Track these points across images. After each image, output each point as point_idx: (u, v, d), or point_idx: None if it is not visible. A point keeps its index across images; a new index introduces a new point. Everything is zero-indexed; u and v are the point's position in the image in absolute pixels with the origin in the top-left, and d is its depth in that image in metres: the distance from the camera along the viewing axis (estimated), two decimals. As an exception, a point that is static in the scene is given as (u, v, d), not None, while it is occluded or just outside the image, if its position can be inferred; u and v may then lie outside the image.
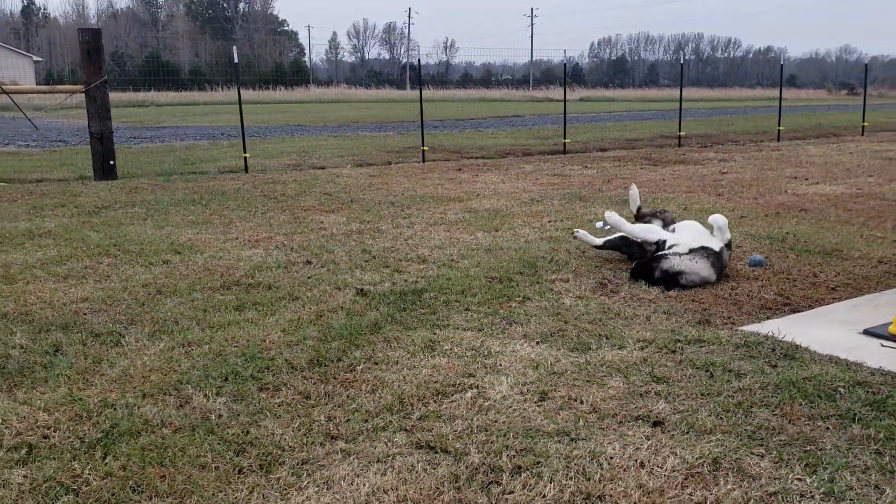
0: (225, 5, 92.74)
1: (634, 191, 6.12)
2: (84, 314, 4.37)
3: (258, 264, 5.47)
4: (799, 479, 2.50)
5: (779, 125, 17.24)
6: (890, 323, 3.94)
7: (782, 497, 2.40)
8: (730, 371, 3.41)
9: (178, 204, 8.29)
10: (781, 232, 6.33)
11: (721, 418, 2.95)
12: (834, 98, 59.06)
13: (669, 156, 13.47)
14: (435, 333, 4.02)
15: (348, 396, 3.23)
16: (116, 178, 10.58)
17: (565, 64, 15.55)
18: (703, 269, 4.80)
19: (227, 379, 3.43)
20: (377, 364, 3.59)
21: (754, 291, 4.69)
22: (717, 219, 4.98)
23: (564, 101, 15.45)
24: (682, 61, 17.51)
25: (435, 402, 3.17)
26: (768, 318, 4.23)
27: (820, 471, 2.54)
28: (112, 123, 10.79)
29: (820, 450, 2.68)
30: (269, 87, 47.74)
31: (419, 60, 16.03)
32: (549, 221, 7.03)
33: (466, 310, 4.44)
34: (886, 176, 9.90)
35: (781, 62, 18.01)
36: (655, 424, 2.92)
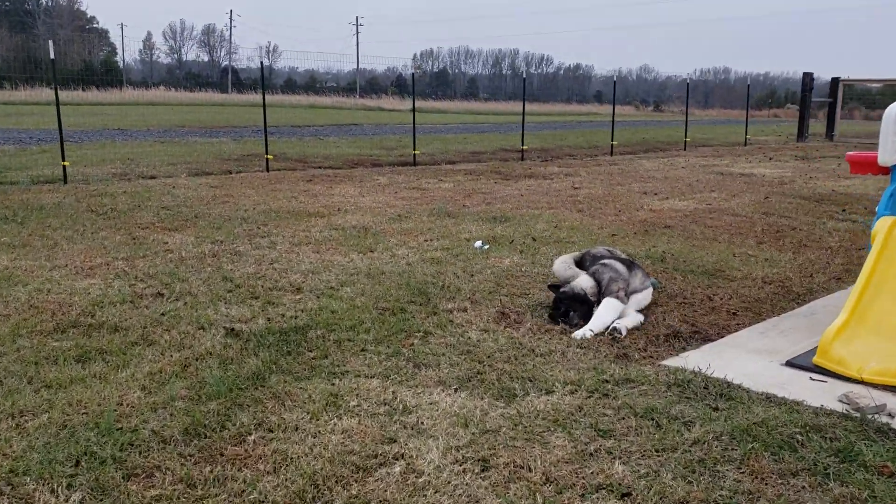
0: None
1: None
2: None
3: (97, 299, 4.55)
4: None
5: (612, 140, 17.97)
6: (810, 352, 3.84)
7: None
8: (674, 419, 3.10)
9: (-19, 220, 6.96)
10: (657, 251, 6.28)
11: (689, 482, 2.61)
12: (643, 114, 63.75)
13: (517, 170, 13.50)
14: (334, 384, 3.40)
15: (245, 481, 2.56)
16: None
17: (413, 73, 15.25)
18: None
19: (78, 463, 2.63)
20: (272, 431, 2.93)
21: (659, 318, 4.48)
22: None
23: (413, 110, 15.13)
24: (523, 76, 17.81)
25: (357, 481, 2.59)
26: (684, 348, 4.01)
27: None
28: None
29: (811, 516, 2.40)
30: (78, 88, 43.64)
31: (262, 63, 15.02)
32: (426, 240, 6.56)
33: (363, 350, 3.86)
34: (727, 191, 10.41)
35: (614, 79, 18.79)
36: (623, 496, 2.52)
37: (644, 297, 4.59)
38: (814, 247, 6.66)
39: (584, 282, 4.54)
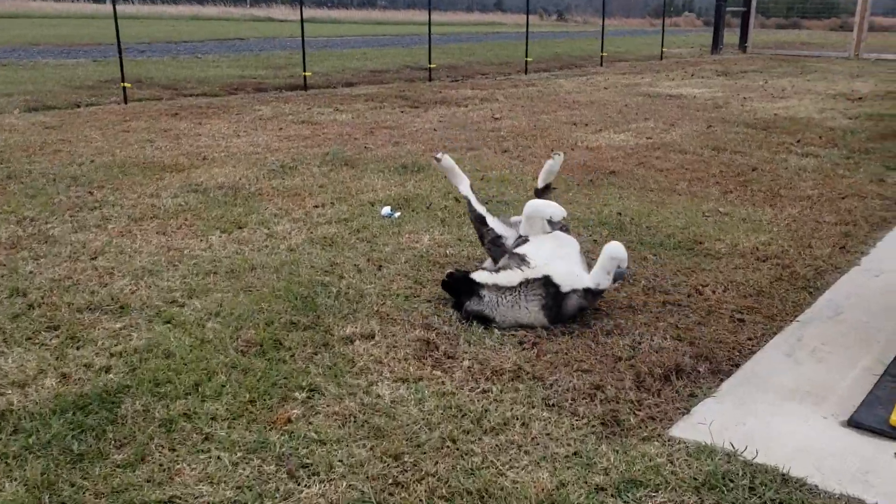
0: None
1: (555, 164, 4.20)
2: None
3: None
4: None
5: (526, 56, 16.47)
6: (874, 400, 2.64)
7: None
8: (735, 583, 1.82)
9: None
10: (611, 213, 4.97)
11: None
12: (549, 24, 62.05)
13: (426, 94, 11.88)
14: (146, 538, 1.95)
15: None
16: None
17: (299, -20, 13.14)
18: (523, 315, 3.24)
19: None
20: None
21: (645, 335, 3.19)
22: (613, 250, 3.30)
23: (302, 21, 13.08)
24: (427, -17, 15.88)
25: None
26: (693, 394, 2.74)
27: None
28: None
29: None
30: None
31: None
32: (316, 207, 5.01)
33: (206, 440, 2.40)
34: (663, 119, 9.20)
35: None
36: None
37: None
38: (790, 197, 5.52)
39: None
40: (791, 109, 10.13)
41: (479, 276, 3.31)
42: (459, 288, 3.32)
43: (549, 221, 3.45)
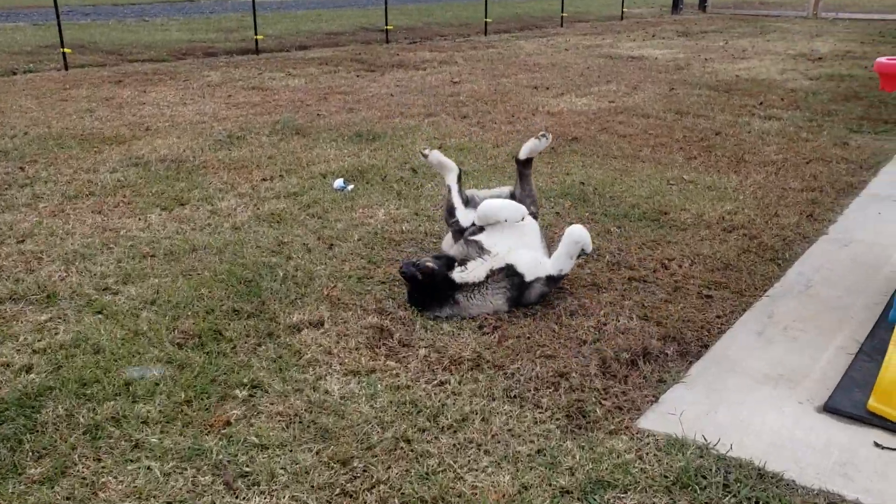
0: None
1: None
2: None
3: None
4: None
5: (485, 17, 16.09)
6: (849, 382, 2.52)
7: None
8: None
9: None
10: (573, 182, 4.79)
11: None
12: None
13: (383, 57, 11.52)
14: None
15: None
16: None
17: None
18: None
19: None
20: None
21: (610, 315, 3.03)
22: (577, 234, 3.10)
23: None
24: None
25: None
26: (662, 379, 2.59)
27: None
28: None
29: None
30: None
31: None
32: (264, 180, 4.74)
33: (136, 447, 2.18)
34: (625, 82, 9.01)
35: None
36: None
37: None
38: (755, 162, 5.40)
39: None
40: (752, 71, 10.02)
41: (457, 276, 3.00)
42: (436, 288, 2.97)
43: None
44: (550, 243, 3.37)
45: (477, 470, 2.11)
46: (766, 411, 2.41)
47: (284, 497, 1.99)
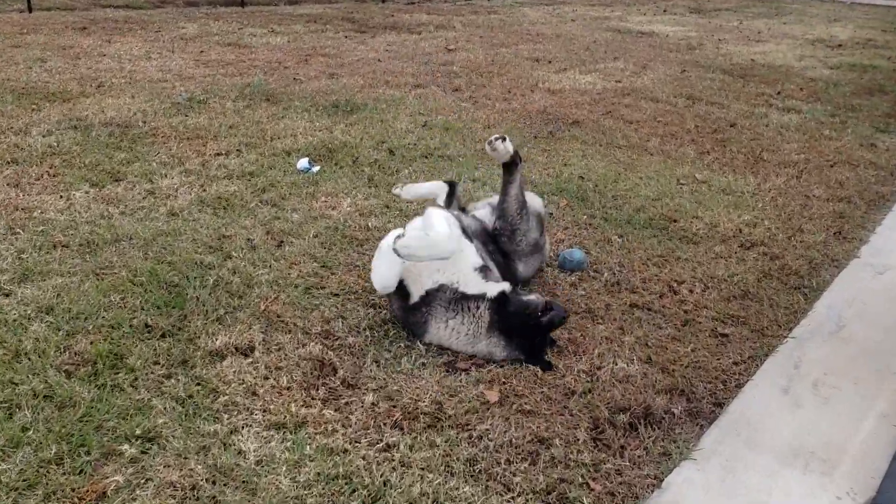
0: None
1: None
2: None
3: None
4: None
5: (487, -20, 15.29)
6: (903, 476, 2.00)
7: None
8: None
9: None
10: (571, 176, 4.22)
11: None
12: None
13: (376, 17, 10.80)
14: None
15: None
16: None
17: None
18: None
19: None
20: None
21: (606, 356, 2.49)
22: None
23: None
24: None
25: None
26: (666, 452, 2.07)
27: None
28: None
29: None
30: None
31: None
32: (219, 154, 4.15)
33: (-28, 532, 1.64)
34: (633, 60, 8.37)
35: None
36: None
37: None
38: (774, 162, 4.84)
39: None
40: (769, 55, 9.39)
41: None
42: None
43: None
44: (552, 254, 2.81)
45: (419, 590, 1.58)
46: (799, 511, 1.89)
47: None
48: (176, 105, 5.02)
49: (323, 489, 1.83)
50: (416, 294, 2.42)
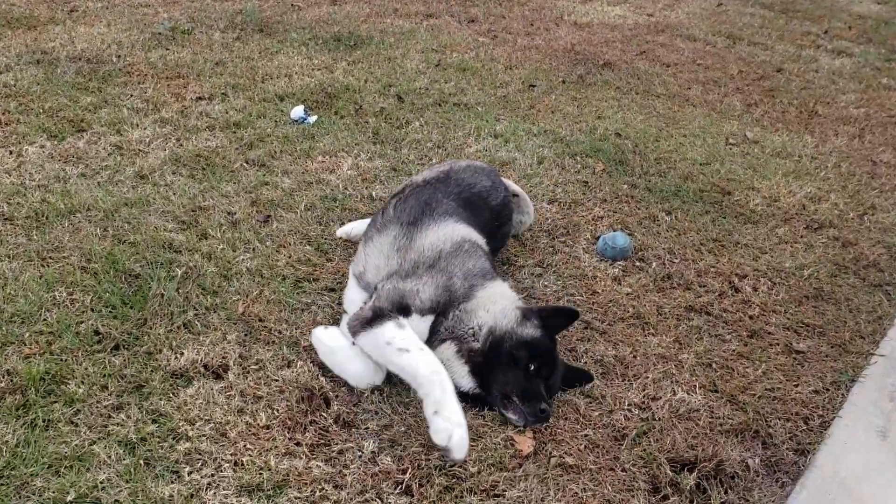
0: None
1: None
2: None
3: None
4: None
5: None
6: None
7: None
8: None
9: None
10: (606, 133, 3.68)
11: None
12: None
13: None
14: None
15: None
16: None
17: None
18: None
19: None
20: None
21: (662, 382, 2.03)
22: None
23: None
24: None
25: None
26: (743, 527, 1.63)
27: None
28: None
29: None
30: None
31: None
32: (200, 99, 3.57)
33: None
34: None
35: None
36: None
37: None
38: (831, 117, 4.27)
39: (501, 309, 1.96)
40: (811, -14, 8.61)
41: None
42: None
43: None
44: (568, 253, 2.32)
45: None
46: None
47: None
48: (156, 36, 4.43)
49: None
50: None
